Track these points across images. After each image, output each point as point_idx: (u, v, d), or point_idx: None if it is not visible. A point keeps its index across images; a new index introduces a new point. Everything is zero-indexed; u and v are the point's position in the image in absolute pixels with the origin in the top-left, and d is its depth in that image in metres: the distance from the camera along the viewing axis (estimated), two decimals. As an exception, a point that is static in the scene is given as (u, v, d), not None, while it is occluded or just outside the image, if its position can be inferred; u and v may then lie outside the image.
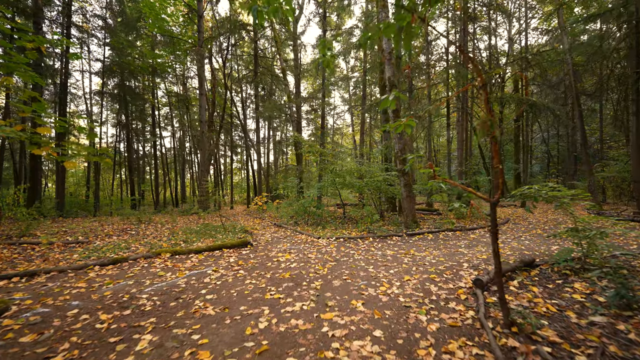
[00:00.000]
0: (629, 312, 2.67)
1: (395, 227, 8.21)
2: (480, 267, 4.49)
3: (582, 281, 3.65)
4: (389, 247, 6.05)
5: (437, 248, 5.93)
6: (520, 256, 4.89)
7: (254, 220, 11.42)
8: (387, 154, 11.67)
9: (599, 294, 3.20)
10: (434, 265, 4.54)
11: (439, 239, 6.91)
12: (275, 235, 7.48)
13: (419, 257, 5.10)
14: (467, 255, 5.32)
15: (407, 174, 7.89)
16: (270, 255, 5.32)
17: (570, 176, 20.75)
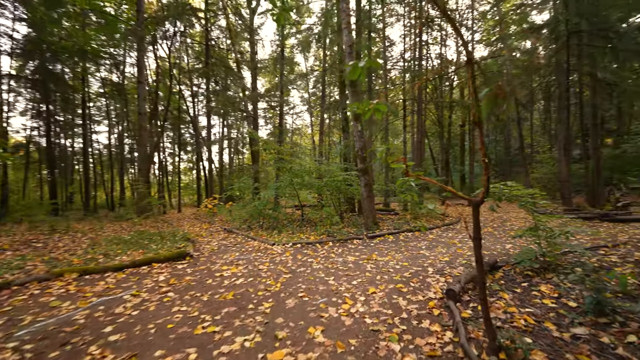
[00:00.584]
0: (604, 318, 2.48)
1: (356, 229, 7.84)
2: (445, 271, 4.22)
3: (546, 283, 3.52)
4: (350, 252, 5.58)
5: (399, 251, 5.62)
6: (487, 260, 4.77)
7: (201, 225, 10.22)
8: (347, 154, 11.37)
9: (566, 297, 3.05)
10: (398, 272, 4.15)
11: (400, 240, 6.66)
12: (223, 243, 6.56)
13: (382, 263, 4.70)
14: (429, 257, 5.07)
15: (368, 174, 7.57)
16: (213, 268, 4.47)
17: (506, 177, 22.80)
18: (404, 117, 15.38)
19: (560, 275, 3.76)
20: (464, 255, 5.13)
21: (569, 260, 4.36)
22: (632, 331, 2.25)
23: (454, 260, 4.87)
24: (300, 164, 8.90)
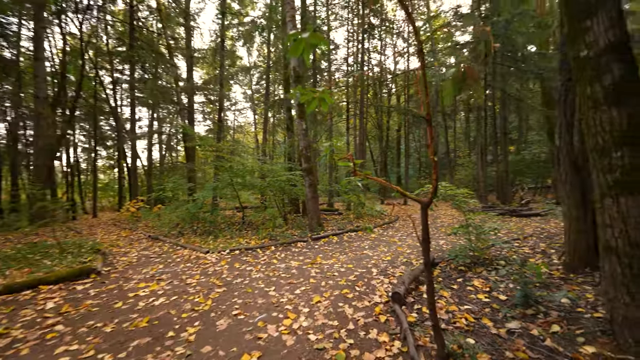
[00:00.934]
0: (530, 309, 2.65)
1: (300, 231, 7.56)
2: (389, 271, 4.21)
3: (478, 277, 3.74)
4: (293, 256, 5.26)
5: (343, 252, 5.52)
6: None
7: (120, 232, 8.72)
8: (291, 153, 11.05)
9: (496, 291, 3.24)
10: (343, 276, 3.99)
11: (344, 241, 6.61)
12: (144, 254, 5.59)
13: (326, 267, 4.49)
14: (372, 257, 5.06)
15: (312, 174, 7.37)
16: (126, 287, 3.67)
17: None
18: (347, 119, 15.74)
19: (488, 268, 4.06)
20: (404, 254, 5.27)
21: (493, 253, 4.79)
22: (554, 320, 2.42)
23: (395, 259, 4.94)
24: (241, 163, 8.24)
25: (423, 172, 29.24)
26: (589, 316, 2.44)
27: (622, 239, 1.86)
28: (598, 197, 1.99)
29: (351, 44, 19.74)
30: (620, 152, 1.83)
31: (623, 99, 1.81)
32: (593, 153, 1.97)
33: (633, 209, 1.81)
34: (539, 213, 10.03)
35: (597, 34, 1.88)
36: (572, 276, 3.51)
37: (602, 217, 1.97)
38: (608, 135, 1.87)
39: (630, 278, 1.84)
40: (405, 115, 18.17)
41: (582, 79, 1.98)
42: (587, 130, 2.00)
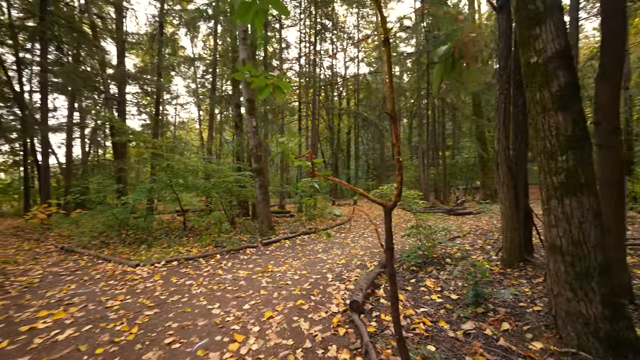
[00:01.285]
0: (480, 308, 2.73)
1: (249, 236, 7.06)
2: (344, 275, 4.08)
3: (429, 277, 3.81)
4: (242, 264, 4.80)
5: (296, 257, 5.25)
6: (379, 259, 4.93)
7: (22, 244, 7.09)
8: (240, 152, 10.38)
9: (447, 290, 3.31)
10: (297, 284, 3.72)
11: (297, 245, 6.34)
12: (53, 271, 4.54)
13: (279, 274, 4.17)
14: (327, 261, 4.89)
15: (263, 174, 6.95)
16: (18, 318, 2.84)
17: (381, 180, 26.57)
18: (299, 119, 15.53)
19: (437, 267, 4.20)
20: (357, 256, 5.22)
21: (439, 252, 5.02)
22: (503, 318, 2.50)
23: (349, 262, 4.85)
24: (182, 162, 7.39)
25: (371, 174, 30.57)
26: (531, 310, 2.59)
27: (566, 238, 1.95)
28: (545, 199, 2.07)
29: (303, 45, 19.63)
30: (565, 155, 1.91)
31: (568, 105, 1.90)
32: (541, 156, 2.04)
33: (576, 209, 1.90)
34: (472, 212, 11.12)
35: (546, 42, 1.95)
36: (509, 271, 3.80)
37: (548, 217, 2.05)
38: (555, 139, 1.94)
39: (573, 276, 1.94)
40: (356, 118, 18.68)
41: (532, 84, 2.04)
42: (535, 134, 2.07)
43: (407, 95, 21.96)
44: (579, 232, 1.90)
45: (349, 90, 25.21)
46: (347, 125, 26.30)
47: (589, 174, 1.89)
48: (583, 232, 1.89)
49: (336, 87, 23.47)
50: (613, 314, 1.86)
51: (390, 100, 1.73)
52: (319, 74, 19.04)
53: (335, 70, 22.91)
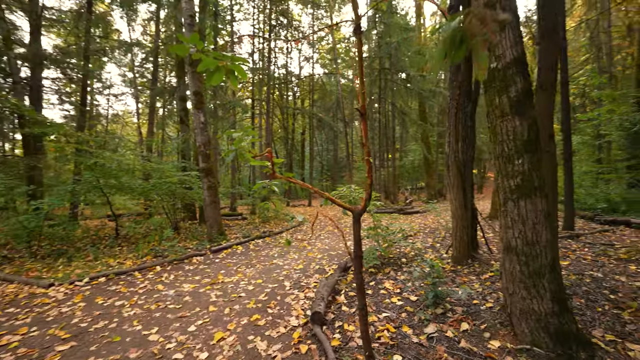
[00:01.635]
0: (439, 308, 2.76)
1: (197, 243, 6.42)
2: (302, 282, 3.87)
3: (388, 278, 3.81)
4: (187, 276, 4.27)
5: (250, 264, 4.88)
6: (337, 261, 4.82)
7: None
8: (185, 150, 9.47)
9: (406, 291, 3.32)
10: (252, 296, 3.39)
11: (250, 250, 5.94)
12: None
13: (231, 286, 3.78)
14: (284, 268, 4.63)
15: (212, 174, 6.37)
16: None
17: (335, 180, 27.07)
18: (252, 117, 14.88)
19: (394, 267, 4.25)
20: (315, 260, 5.06)
21: (395, 251, 5.12)
22: (461, 317, 2.55)
23: (307, 266, 4.66)
24: (116, 160, 6.40)
25: (325, 175, 30.94)
26: (485, 308, 2.70)
27: (521, 239, 2.02)
28: (502, 201, 2.13)
29: (257, 41, 18.94)
30: (521, 159, 1.98)
31: (524, 110, 1.97)
32: (499, 159, 2.09)
33: (530, 211, 1.98)
34: (419, 211, 11.84)
35: (505, 48, 2.00)
36: (459, 268, 4.00)
37: (505, 219, 2.11)
38: (512, 143, 2.00)
39: (527, 274, 2.02)
40: (310, 118, 18.63)
41: (492, 89, 2.08)
42: (494, 138, 2.12)
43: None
44: (532, 232, 1.98)
45: (303, 91, 25.12)
46: (302, 126, 26.20)
47: (541, 177, 1.98)
48: (536, 232, 1.98)
49: (291, 86, 23.19)
50: (560, 308, 1.97)
51: (361, 96, 1.58)
52: (273, 72, 18.55)
53: (289, 70, 22.60)
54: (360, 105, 1.59)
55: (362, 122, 1.61)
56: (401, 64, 11.55)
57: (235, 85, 1.41)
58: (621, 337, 2.17)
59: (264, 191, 2.12)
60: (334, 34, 22.91)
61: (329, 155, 32.21)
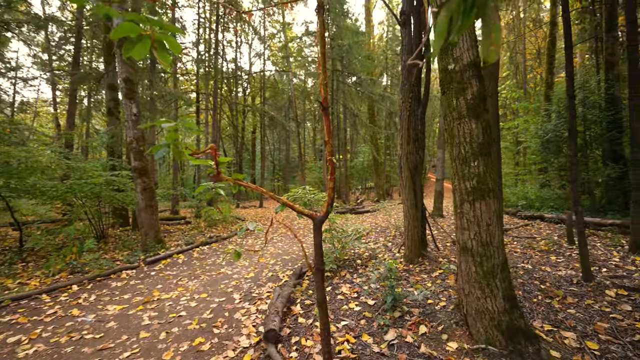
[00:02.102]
0: (397, 311, 2.72)
1: (128, 253, 5.56)
2: (254, 293, 3.54)
3: (344, 282, 3.71)
4: (113, 295, 3.60)
5: (193, 276, 4.35)
6: (291, 267, 4.56)
7: None
8: (115, 146, 8.24)
9: (363, 295, 3.25)
10: (195, 314, 2.97)
11: (194, 259, 5.35)
12: None
13: (169, 304, 3.28)
14: (232, 277, 4.23)
15: (147, 174, 5.59)
16: None
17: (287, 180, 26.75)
18: (197, 112, 13.75)
19: (350, 270, 4.17)
20: (268, 266, 4.75)
21: (349, 252, 5.08)
22: (418, 320, 2.53)
23: (259, 274, 4.33)
24: (21, 157, 5.18)
25: (277, 175, 30.34)
26: (439, 307, 2.74)
27: (476, 240, 2.05)
28: (458, 203, 2.14)
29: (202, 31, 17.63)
30: (477, 161, 2.00)
31: (479, 113, 1.99)
32: (456, 162, 2.10)
33: (485, 213, 2.01)
34: (369, 210, 12.24)
35: (462, 50, 2.00)
36: (412, 266, 4.10)
37: (461, 221, 2.13)
38: (469, 146, 2.01)
39: (482, 275, 2.05)
40: (262, 116, 18.01)
41: (449, 91, 2.08)
42: (451, 140, 2.12)
43: (312, 99, 22.75)
44: (486, 234, 2.02)
45: (254, 88, 24.22)
46: (253, 124, 25.26)
47: (495, 179, 2.02)
48: (490, 233, 2.02)
49: (241, 82, 22.15)
50: (510, 305, 2.04)
51: (322, 87, 1.38)
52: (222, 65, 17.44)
53: (239, 65, 21.57)
54: (322, 98, 1.40)
55: (324, 116, 1.42)
56: (353, 67, 11.80)
57: (166, 61, 1.09)
58: (556, 325, 2.37)
59: (208, 195, 1.80)
60: (286, 32, 22.57)
61: (281, 155, 31.73)
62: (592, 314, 2.57)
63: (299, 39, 22.69)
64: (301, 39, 22.21)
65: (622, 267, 3.70)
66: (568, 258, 4.17)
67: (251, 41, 22.48)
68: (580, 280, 3.28)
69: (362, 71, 12.56)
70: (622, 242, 4.91)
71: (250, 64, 23.61)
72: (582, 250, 3.26)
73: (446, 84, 2.11)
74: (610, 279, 3.26)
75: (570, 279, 3.36)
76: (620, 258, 4.04)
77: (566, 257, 4.20)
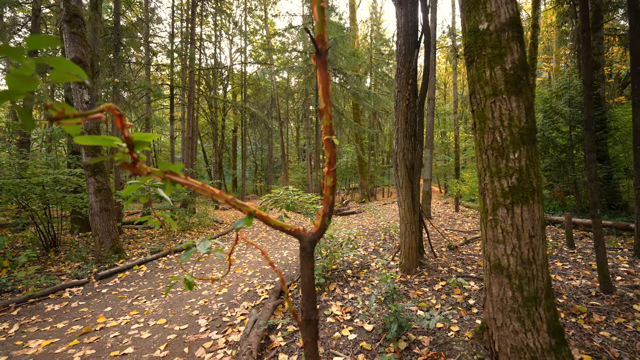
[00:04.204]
0: (402, 341, 2.19)
1: (80, 264, 4.73)
2: (225, 316, 2.91)
3: (334, 299, 3.16)
4: (43, 325, 2.85)
5: (154, 293, 3.64)
6: (272, 280, 3.94)
7: None
8: (72, 142, 7.24)
9: (358, 317, 2.71)
10: (145, 351, 2.30)
11: (158, 271, 4.60)
12: None
13: (114, 335, 2.58)
14: (201, 294, 3.57)
15: (102, 173, 4.78)
16: None
17: (269, 181, 25.93)
18: (171, 106, 12.76)
19: (340, 282, 3.63)
20: (245, 279, 4.11)
21: (338, 261, 4.54)
22: (432, 354, 2.01)
23: (234, 289, 3.69)
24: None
25: (259, 175, 29.41)
26: (453, 335, 2.24)
27: (515, 257, 1.55)
28: (490, 208, 1.64)
29: (179, 23, 16.57)
30: (518, 152, 1.50)
31: (521, 88, 1.50)
32: (488, 153, 1.60)
33: (527, 221, 1.52)
34: (355, 211, 11.79)
35: (499, 4, 1.50)
36: (409, 277, 3.61)
37: (494, 231, 1.63)
38: (507, 132, 1.51)
39: (522, 302, 1.56)
40: (243, 113, 17.17)
41: (481, 59, 1.57)
42: (482, 125, 1.62)
43: (296, 97, 22.10)
44: (529, 248, 1.53)
45: (234, 85, 23.24)
46: (234, 123, 24.25)
47: (539, 177, 1.53)
48: (533, 248, 1.53)
49: (220, 79, 21.12)
50: (557, 341, 1.56)
51: (317, 9, 0.82)
52: (200, 58, 16.43)
53: (219, 61, 20.56)
54: (316, 35, 0.83)
55: (320, 68, 0.86)
56: (338, 62, 11.31)
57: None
58: (596, 356, 1.93)
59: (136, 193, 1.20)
60: (269, 27, 21.81)
61: (263, 155, 30.85)
62: (629, 336, 2.16)
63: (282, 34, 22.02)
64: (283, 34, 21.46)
65: (636, 274, 3.39)
66: (575, 264, 3.84)
67: (232, 37, 21.52)
68: (599, 292, 2.91)
69: (348, 68, 12.11)
70: (618, 244, 4.69)
71: (230, 60, 22.62)
72: (599, 257, 2.89)
73: (476, 50, 1.60)
74: (632, 290, 2.91)
75: (588, 290, 2.99)
76: (629, 264, 3.75)
77: (572, 264, 3.87)
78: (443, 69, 27.11)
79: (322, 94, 0.87)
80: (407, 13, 3.72)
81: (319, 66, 0.85)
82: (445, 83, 28.09)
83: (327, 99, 0.87)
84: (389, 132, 22.85)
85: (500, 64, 1.51)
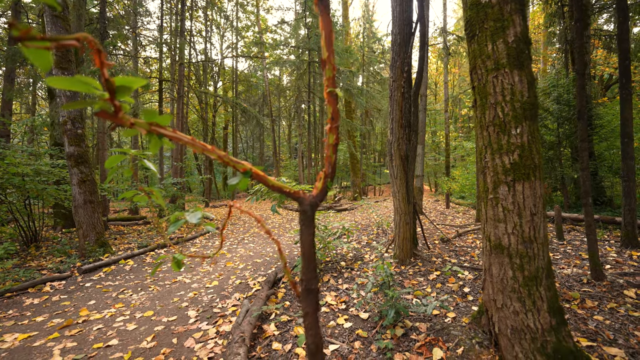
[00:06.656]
0: (399, 327, 2.15)
1: (63, 259, 4.53)
2: (216, 308, 2.81)
3: (328, 289, 3.10)
4: (20, 318, 2.69)
5: (141, 287, 3.50)
6: (264, 272, 3.85)
7: None
8: (56, 132, 6.94)
9: (353, 306, 2.66)
10: (131, 342, 2.19)
11: (145, 265, 4.45)
12: None
13: (97, 328, 2.45)
14: (191, 287, 3.45)
15: (86, 163, 4.58)
16: None
17: (262, 179, 25.72)
18: (159, 101, 12.45)
19: (334, 274, 3.57)
20: (236, 272, 4.00)
21: (331, 253, 4.48)
22: (429, 340, 1.97)
23: (225, 282, 3.59)
24: None
25: (250, 173, 29.10)
26: (450, 321, 2.21)
27: (516, 235, 1.52)
28: (490, 186, 1.61)
29: (168, 17, 16.22)
30: (520, 127, 1.47)
31: (524, 62, 1.46)
32: (490, 129, 1.56)
33: (529, 198, 1.49)
34: (347, 208, 11.77)
35: (502, -25, 1.46)
36: (404, 268, 3.58)
37: (494, 210, 1.60)
38: (509, 107, 1.48)
39: (523, 282, 1.53)
40: (234, 109, 16.93)
41: (483, 32, 1.53)
42: (482, 101, 1.58)
43: (288, 95, 21.96)
44: (530, 226, 1.50)
45: (225, 81, 22.91)
46: (225, 120, 23.89)
47: (540, 154, 1.51)
48: (534, 226, 1.50)
49: (211, 74, 20.77)
50: (557, 321, 1.54)
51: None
52: (189, 50, 16.10)
53: (210, 57, 20.20)
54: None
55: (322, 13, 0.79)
56: (331, 58, 11.26)
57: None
58: (592, 339, 1.92)
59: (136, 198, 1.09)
60: (261, 21, 21.57)
61: (255, 152, 30.55)
62: (622, 320, 2.18)
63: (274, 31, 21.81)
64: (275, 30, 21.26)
65: (624, 262, 3.45)
66: (565, 254, 3.89)
67: (223, 31, 21.18)
68: (591, 279, 2.94)
69: (340, 64, 12.06)
70: (605, 236, 4.79)
71: (222, 55, 22.27)
72: (591, 246, 2.92)
73: (477, 23, 1.56)
74: (622, 277, 2.95)
75: (579, 277, 3.01)
76: (617, 253, 3.83)
77: (563, 254, 3.92)
78: (434, 69, 27.36)
79: (324, 43, 0.80)
80: (402, 2, 3.68)
81: (321, 11, 0.78)
82: (436, 83, 28.36)
83: (330, 48, 0.80)
84: (380, 130, 22.97)
85: (502, 37, 1.47)
